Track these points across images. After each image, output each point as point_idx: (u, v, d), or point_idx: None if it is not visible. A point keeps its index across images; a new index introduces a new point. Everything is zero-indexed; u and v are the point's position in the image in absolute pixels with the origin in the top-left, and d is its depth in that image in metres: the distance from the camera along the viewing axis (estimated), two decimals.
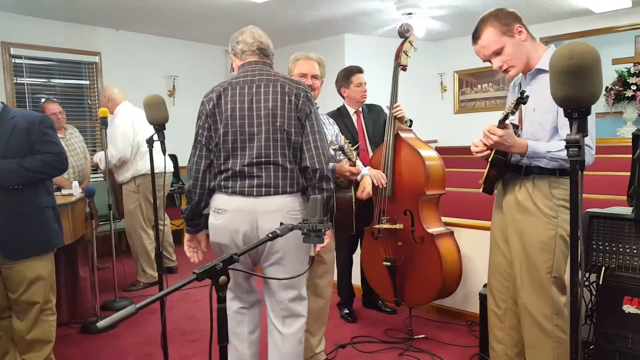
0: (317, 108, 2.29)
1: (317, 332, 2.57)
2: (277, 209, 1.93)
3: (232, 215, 1.95)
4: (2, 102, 2.36)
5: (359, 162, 2.48)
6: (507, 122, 1.79)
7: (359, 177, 2.59)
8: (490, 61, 2.02)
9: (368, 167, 3.04)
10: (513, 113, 1.78)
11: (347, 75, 3.30)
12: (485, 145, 1.96)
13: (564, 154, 1.81)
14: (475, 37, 2.01)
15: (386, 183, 2.95)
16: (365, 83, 3.31)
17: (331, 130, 2.63)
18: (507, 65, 1.98)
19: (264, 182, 1.93)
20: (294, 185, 1.97)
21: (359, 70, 3.33)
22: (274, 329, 2.09)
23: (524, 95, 1.72)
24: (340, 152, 2.22)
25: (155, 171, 4.20)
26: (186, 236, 2.20)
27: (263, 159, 1.93)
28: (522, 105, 2.02)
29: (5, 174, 2.22)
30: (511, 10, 1.99)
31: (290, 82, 2.00)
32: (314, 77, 2.48)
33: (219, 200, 2.00)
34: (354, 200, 2.40)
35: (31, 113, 2.41)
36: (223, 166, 1.97)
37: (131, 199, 4.27)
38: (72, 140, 4.40)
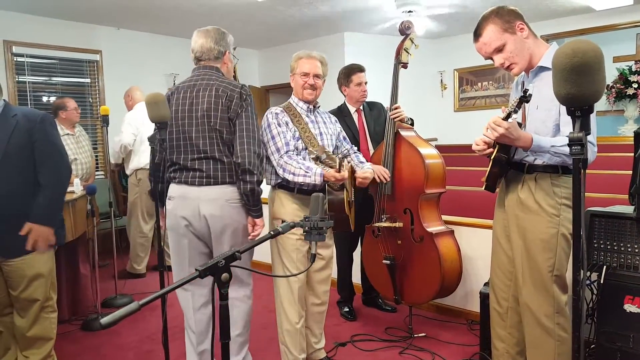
0: (310, 108, 2.48)
1: (315, 328, 2.61)
2: (217, 197, 2.20)
3: (177, 201, 2.26)
4: (4, 100, 2.35)
5: (366, 164, 2.58)
6: (510, 120, 1.79)
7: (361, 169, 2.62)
8: (492, 59, 2.01)
9: (369, 164, 3.04)
10: (516, 112, 1.78)
11: (348, 74, 3.29)
12: (487, 142, 1.96)
13: (567, 149, 1.82)
14: (477, 34, 2.00)
15: (389, 177, 2.94)
16: (365, 82, 3.29)
17: (332, 128, 2.62)
18: (509, 63, 1.97)
19: (204, 174, 2.21)
20: (233, 177, 2.22)
21: (359, 69, 3.31)
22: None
23: (527, 93, 1.72)
24: (318, 161, 2.14)
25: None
26: (162, 211, 2.40)
27: (202, 155, 2.21)
28: (525, 103, 2.02)
29: (48, 215, 2.31)
30: (512, 8, 1.98)
31: (227, 84, 2.22)
32: (316, 76, 2.48)
33: (170, 188, 2.33)
34: (346, 201, 2.38)
35: (32, 111, 2.40)
36: (173, 160, 2.29)
37: (132, 191, 4.50)
38: (80, 138, 4.51)
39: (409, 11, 5.28)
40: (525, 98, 1.72)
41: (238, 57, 2.94)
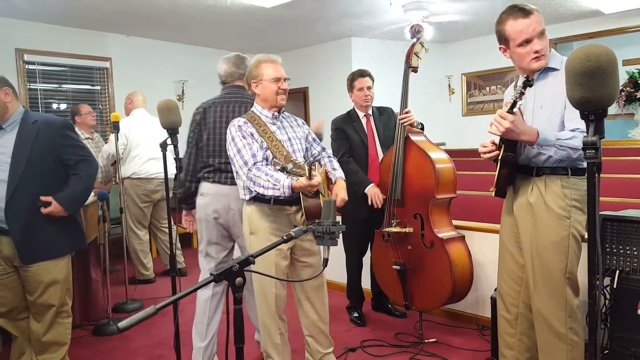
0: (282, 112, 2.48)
1: (319, 337, 2.51)
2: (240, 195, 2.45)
3: (211, 197, 2.62)
4: (23, 107, 2.40)
5: (335, 173, 2.48)
6: (515, 109, 1.78)
7: (333, 180, 2.50)
8: (530, 41, 1.94)
9: (371, 185, 3.08)
10: (521, 96, 1.76)
11: (351, 80, 3.30)
12: (494, 143, 1.96)
13: (572, 142, 1.82)
14: (527, 12, 1.95)
15: (392, 192, 2.97)
16: (368, 87, 3.24)
17: (299, 132, 2.49)
18: (544, 52, 1.96)
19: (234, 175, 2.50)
20: None
21: (360, 74, 3.28)
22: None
23: (530, 79, 1.73)
24: (285, 172, 2.05)
25: (145, 176, 4.36)
26: (183, 212, 2.84)
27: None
28: (531, 103, 2.02)
29: (69, 203, 2.38)
30: None
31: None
32: (285, 79, 2.38)
33: (204, 186, 2.65)
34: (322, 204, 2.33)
35: (52, 117, 2.45)
36: (209, 162, 2.62)
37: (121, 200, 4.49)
38: (99, 143, 4.55)
39: (422, 16, 5.27)
40: (528, 82, 1.72)
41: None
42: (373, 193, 3.05)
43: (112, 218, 4.43)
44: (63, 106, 5.61)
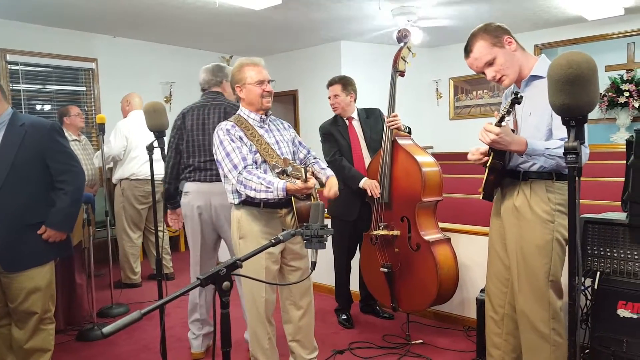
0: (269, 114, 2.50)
1: (305, 340, 2.50)
2: (222, 191, 2.49)
3: (193, 194, 2.81)
4: (12, 108, 2.33)
5: (326, 172, 2.49)
6: (503, 124, 1.82)
7: (323, 179, 2.49)
8: (483, 73, 2.07)
9: (364, 179, 3.07)
10: (509, 113, 1.81)
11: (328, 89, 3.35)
12: (482, 152, 1.99)
13: (560, 151, 1.85)
14: (468, 50, 2.08)
15: (380, 193, 2.99)
16: (335, 95, 3.25)
17: (287, 135, 2.49)
18: (501, 75, 2.03)
19: (214, 172, 2.72)
20: None
21: (329, 83, 3.32)
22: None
23: (519, 95, 1.77)
24: (284, 175, 2.07)
25: (143, 177, 4.35)
26: (168, 211, 3.02)
27: (211, 157, 2.65)
28: (519, 111, 2.07)
29: (62, 223, 2.36)
30: (499, 24, 2.06)
31: (232, 105, 2.82)
32: (269, 81, 2.38)
33: (186, 185, 2.85)
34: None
35: (40, 121, 2.38)
36: (189, 163, 2.82)
37: (117, 201, 4.48)
38: (86, 145, 4.53)
39: (407, 20, 5.32)
40: (517, 99, 1.77)
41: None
42: (370, 184, 3.03)
43: (97, 221, 4.39)
44: (47, 107, 5.53)
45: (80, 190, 2.44)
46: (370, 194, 3.03)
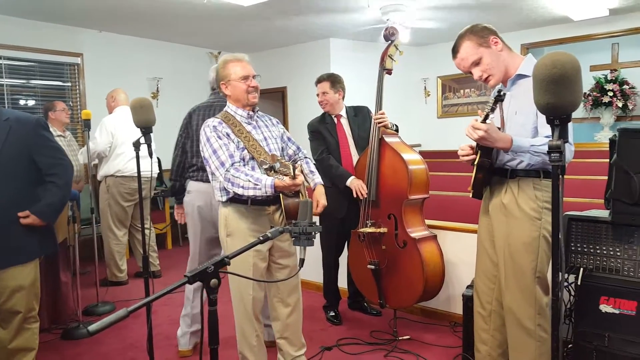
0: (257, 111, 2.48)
1: (293, 338, 2.50)
2: None
3: (194, 194, 2.86)
4: None
5: (314, 178, 2.49)
6: (488, 121, 1.85)
7: (312, 185, 2.50)
8: (470, 72, 2.11)
9: (351, 178, 3.08)
10: (493, 111, 1.84)
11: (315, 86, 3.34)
12: (472, 147, 2.01)
13: (546, 148, 1.88)
14: (455, 51, 2.12)
15: (367, 193, 3.00)
16: (324, 92, 3.25)
17: (275, 131, 2.47)
18: (487, 74, 2.07)
19: None
20: None
21: (317, 80, 3.31)
22: None
23: (502, 93, 1.80)
24: (272, 171, 2.05)
25: (129, 174, 4.31)
26: (175, 205, 3.09)
27: None
28: (505, 110, 2.09)
29: (49, 214, 2.33)
30: (486, 25, 2.09)
31: None
32: (254, 76, 2.36)
33: (190, 184, 2.90)
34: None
35: (26, 116, 2.34)
36: (192, 162, 2.87)
37: (102, 198, 4.43)
38: (71, 142, 4.48)
39: (395, 18, 5.33)
40: (500, 97, 1.80)
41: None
42: (357, 184, 3.05)
43: (82, 219, 4.34)
44: (31, 102, 5.45)
45: (69, 184, 2.43)
46: (356, 195, 3.05)
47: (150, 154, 2.38)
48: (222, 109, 2.61)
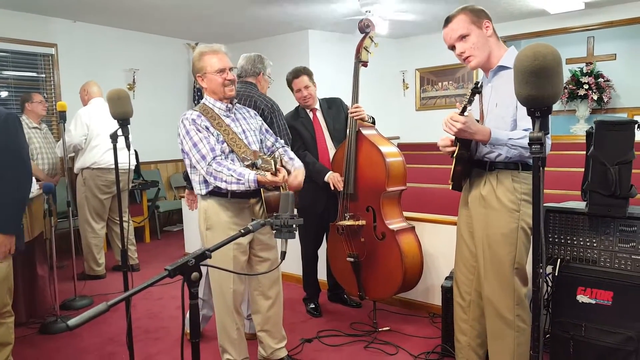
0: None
1: (273, 330, 2.51)
2: None
3: None
4: None
5: (296, 161, 2.47)
6: (466, 113, 1.86)
7: (292, 170, 2.45)
8: (454, 47, 2.09)
9: (329, 173, 3.08)
10: (470, 103, 1.85)
11: (289, 82, 3.25)
12: (450, 140, 2.03)
13: (523, 141, 1.91)
14: (448, 20, 2.10)
15: (344, 186, 3.00)
16: (305, 87, 3.19)
17: (254, 123, 2.45)
18: (469, 54, 2.06)
19: None
20: None
21: (295, 75, 3.22)
22: None
23: (479, 85, 1.82)
24: (254, 168, 2.08)
25: (105, 166, 4.25)
26: (186, 191, 3.17)
27: None
28: (485, 102, 2.11)
29: (7, 223, 2.19)
30: (483, 8, 2.11)
31: (262, 98, 2.76)
32: (230, 69, 2.32)
33: None
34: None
35: None
36: None
37: (79, 191, 4.37)
38: (47, 134, 4.39)
39: (369, 10, 5.32)
40: (477, 89, 1.82)
41: (273, 78, 3.06)
42: (333, 178, 3.06)
43: (59, 212, 4.25)
44: (4, 94, 5.29)
45: (21, 190, 2.24)
46: (333, 188, 3.05)
47: (128, 146, 2.33)
48: (245, 100, 2.68)
